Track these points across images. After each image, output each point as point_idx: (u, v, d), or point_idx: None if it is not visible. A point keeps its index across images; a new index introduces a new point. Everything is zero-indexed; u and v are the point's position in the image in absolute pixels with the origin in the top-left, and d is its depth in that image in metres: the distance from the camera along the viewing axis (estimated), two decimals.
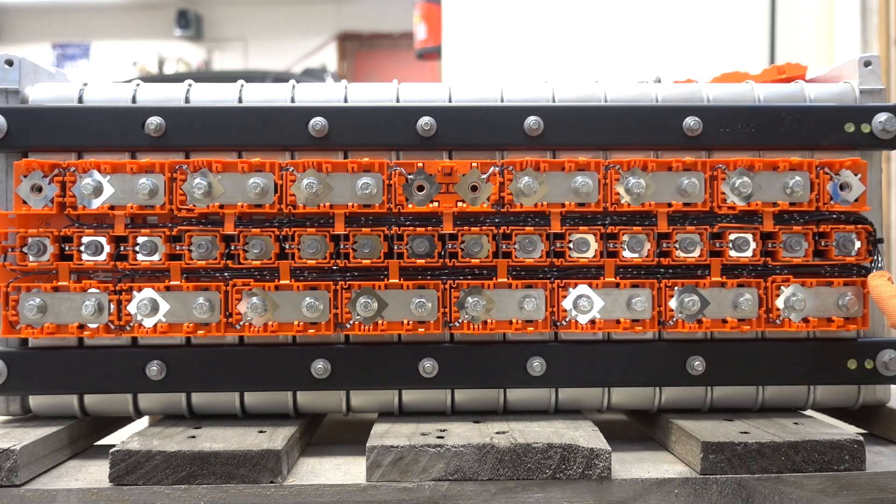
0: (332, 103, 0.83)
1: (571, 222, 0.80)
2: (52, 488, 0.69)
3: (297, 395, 0.82)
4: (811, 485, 0.71)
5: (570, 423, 0.78)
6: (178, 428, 0.78)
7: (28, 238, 0.78)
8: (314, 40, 8.60)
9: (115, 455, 0.69)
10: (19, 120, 0.80)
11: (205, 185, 0.78)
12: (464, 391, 0.83)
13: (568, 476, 0.70)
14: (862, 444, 0.72)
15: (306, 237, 0.79)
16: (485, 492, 0.70)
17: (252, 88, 0.85)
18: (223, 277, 0.80)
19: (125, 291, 0.79)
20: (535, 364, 0.80)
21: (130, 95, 0.84)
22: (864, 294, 0.82)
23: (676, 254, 0.80)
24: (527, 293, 0.80)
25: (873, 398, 0.85)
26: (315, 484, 0.70)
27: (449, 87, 0.85)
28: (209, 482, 0.69)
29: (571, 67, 2.57)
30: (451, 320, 0.80)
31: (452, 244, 0.80)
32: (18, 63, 0.83)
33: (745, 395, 0.84)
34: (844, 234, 0.81)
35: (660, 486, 0.71)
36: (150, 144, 0.80)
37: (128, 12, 8.76)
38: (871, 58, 0.86)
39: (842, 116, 0.82)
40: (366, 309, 0.78)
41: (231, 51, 8.81)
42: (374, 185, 0.78)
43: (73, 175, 0.79)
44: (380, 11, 8.51)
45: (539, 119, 0.80)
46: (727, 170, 0.80)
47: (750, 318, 0.81)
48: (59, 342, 0.81)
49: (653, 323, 0.81)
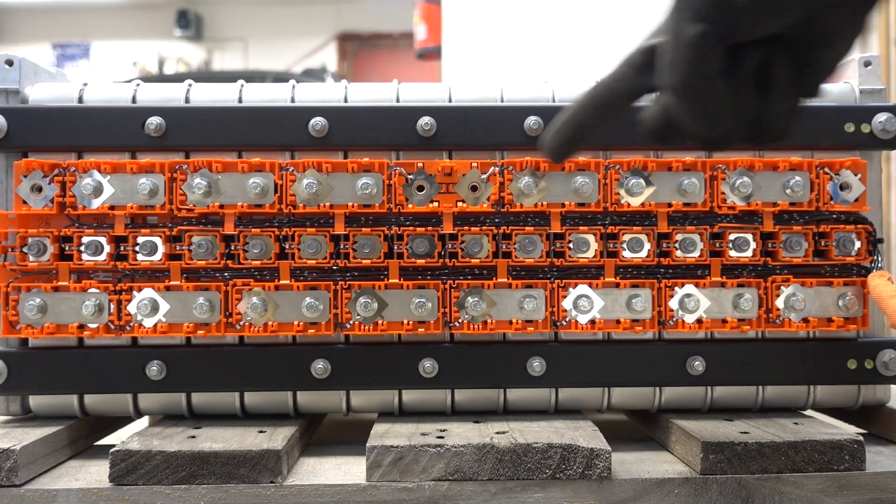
0: (332, 103, 0.83)
1: (571, 222, 0.80)
2: (52, 488, 0.69)
3: (297, 395, 0.82)
4: (811, 485, 0.71)
5: (570, 423, 0.78)
6: (178, 428, 0.78)
7: (28, 238, 0.78)
8: (314, 40, 8.60)
9: (115, 455, 0.69)
10: (19, 120, 0.80)
11: (205, 185, 0.78)
12: (464, 391, 0.83)
13: (568, 476, 0.70)
14: (862, 444, 0.72)
15: (306, 237, 0.79)
16: (485, 492, 0.70)
17: (252, 88, 0.85)
18: (223, 277, 0.80)
19: (125, 291, 0.79)
20: (535, 364, 0.80)
21: (130, 95, 0.84)
22: (864, 294, 0.82)
23: (676, 254, 0.80)
24: (527, 293, 0.80)
25: (873, 398, 0.85)
26: (315, 484, 0.70)
27: (449, 87, 0.85)
28: (209, 482, 0.69)
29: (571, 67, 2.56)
30: (451, 320, 0.80)
31: (452, 244, 0.80)
32: (18, 63, 0.83)
33: (745, 395, 0.84)
34: (844, 234, 0.82)
35: (660, 486, 0.71)
36: (150, 144, 0.80)
37: (128, 12, 8.76)
38: (871, 58, 0.86)
39: (842, 116, 0.82)
40: (366, 309, 0.78)
41: (231, 51, 8.81)
42: (374, 185, 0.79)
43: (73, 175, 0.79)
44: (380, 11, 8.51)
45: (539, 119, 0.80)
46: (727, 170, 0.80)
47: (750, 318, 0.81)
48: (59, 342, 0.81)
49: (653, 323, 0.81)
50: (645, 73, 0.57)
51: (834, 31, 0.54)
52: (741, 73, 0.54)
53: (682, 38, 0.52)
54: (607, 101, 0.59)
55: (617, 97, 0.59)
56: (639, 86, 0.58)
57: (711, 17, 0.51)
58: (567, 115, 0.60)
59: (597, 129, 0.60)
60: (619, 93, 0.58)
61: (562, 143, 0.60)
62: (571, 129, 0.60)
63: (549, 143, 0.61)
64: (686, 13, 0.52)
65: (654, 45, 0.56)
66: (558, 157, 0.62)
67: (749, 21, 0.52)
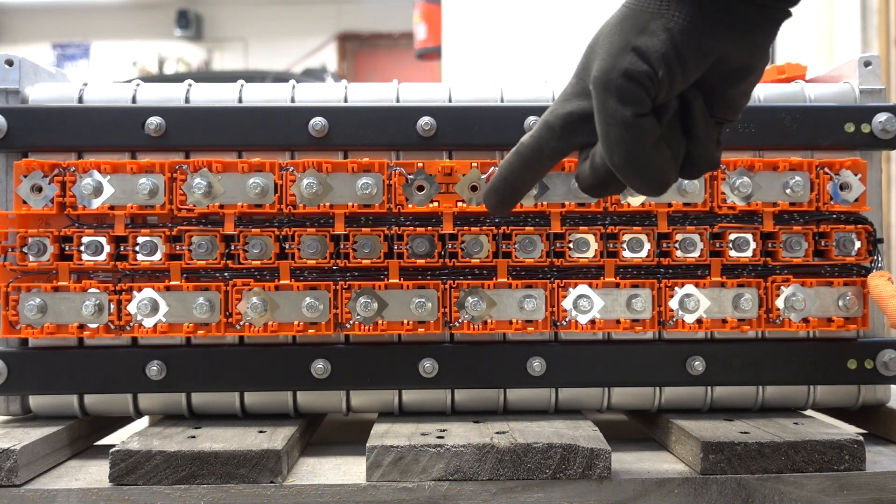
0: (332, 103, 0.83)
1: (571, 222, 0.80)
2: (52, 488, 0.69)
3: (297, 395, 0.82)
4: (811, 485, 0.71)
5: (570, 423, 0.78)
6: (178, 428, 0.78)
7: (28, 238, 0.78)
8: (314, 40, 8.61)
9: (115, 455, 0.69)
10: (19, 120, 0.80)
11: (205, 185, 0.78)
12: (464, 391, 0.83)
13: (568, 476, 0.70)
14: (862, 444, 0.72)
15: (306, 237, 0.79)
16: (485, 492, 0.70)
17: (252, 88, 0.85)
18: (223, 277, 0.80)
19: (125, 291, 0.79)
20: (535, 364, 0.80)
21: (130, 95, 0.84)
22: (864, 294, 0.82)
23: (676, 254, 0.80)
24: (527, 293, 0.80)
25: (873, 398, 0.85)
26: (315, 484, 0.70)
27: (449, 87, 0.85)
28: (209, 482, 0.69)
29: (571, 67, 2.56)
30: (451, 320, 0.80)
31: (452, 244, 0.80)
32: (18, 63, 0.83)
33: (745, 395, 0.84)
34: (844, 234, 0.82)
35: (660, 486, 0.71)
36: (150, 144, 0.80)
37: (128, 12, 8.76)
38: (871, 58, 0.86)
39: (842, 116, 0.82)
40: (366, 309, 0.78)
41: (231, 51, 8.81)
42: (374, 185, 0.79)
43: (73, 175, 0.79)
44: (380, 11, 8.52)
45: (538, 119, 0.80)
46: (727, 169, 0.80)
47: (750, 318, 0.81)
48: (59, 342, 0.81)
49: (653, 323, 0.81)
50: (566, 136, 0.62)
51: (743, 67, 0.58)
52: (663, 123, 0.58)
53: (616, 121, 0.55)
54: (535, 160, 0.63)
55: (544, 157, 0.63)
56: (562, 146, 0.62)
57: (637, 97, 0.55)
58: (501, 175, 0.65)
59: (528, 187, 0.65)
60: (546, 153, 0.63)
61: (500, 201, 0.65)
62: (506, 189, 0.65)
63: (489, 203, 0.66)
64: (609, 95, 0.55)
65: (570, 111, 0.61)
66: (499, 212, 0.69)
67: (668, 89, 0.56)
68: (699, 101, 0.58)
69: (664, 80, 0.55)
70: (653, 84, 0.55)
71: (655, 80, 0.55)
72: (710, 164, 0.61)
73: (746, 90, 0.60)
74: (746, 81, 0.58)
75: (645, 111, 0.55)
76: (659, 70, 0.54)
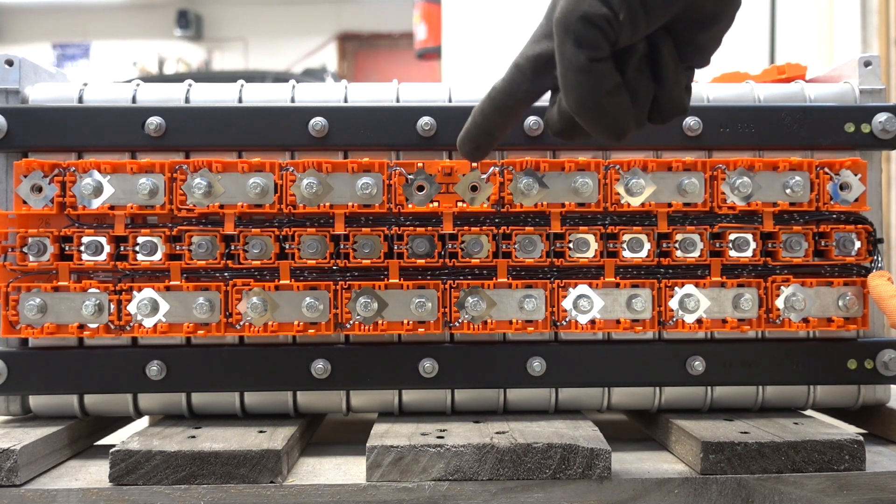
0: (332, 103, 0.83)
1: (571, 222, 0.80)
2: (52, 488, 0.69)
3: (297, 395, 0.82)
4: (811, 485, 0.71)
5: (570, 423, 0.78)
6: (178, 428, 0.78)
7: (28, 238, 0.79)
8: (314, 40, 8.61)
9: (115, 455, 0.70)
10: (19, 120, 0.80)
11: (205, 185, 0.78)
12: (464, 391, 0.83)
13: (568, 476, 0.70)
14: (862, 444, 0.72)
15: (306, 237, 0.79)
16: (485, 492, 0.70)
17: (252, 88, 0.85)
18: (223, 277, 0.80)
19: (125, 291, 0.79)
20: (535, 364, 0.80)
21: (130, 95, 0.84)
22: (864, 294, 0.82)
23: (676, 254, 0.80)
24: (527, 293, 0.80)
25: (873, 398, 0.85)
26: (315, 484, 0.70)
27: (449, 87, 0.85)
28: (209, 482, 0.69)
29: None
30: (451, 320, 0.80)
31: (452, 244, 0.80)
32: (18, 63, 0.83)
33: (745, 395, 0.84)
34: (844, 234, 0.82)
35: (660, 486, 0.71)
36: (150, 144, 0.80)
37: (128, 12, 8.77)
38: (871, 58, 0.86)
39: (842, 116, 0.82)
40: (366, 309, 0.78)
41: (231, 51, 8.82)
42: (374, 185, 0.79)
43: (73, 175, 0.79)
44: (380, 11, 8.52)
45: (539, 119, 0.80)
46: (727, 170, 0.80)
47: (750, 318, 0.81)
48: (59, 342, 0.81)
49: (653, 323, 0.81)
50: (536, 78, 0.61)
51: (713, 12, 0.57)
52: (630, 66, 0.57)
53: (572, 65, 0.55)
54: (507, 104, 0.62)
55: (516, 101, 0.62)
56: (534, 89, 0.62)
57: (594, 41, 0.54)
58: (474, 121, 0.64)
59: (503, 132, 0.64)
60: (518, 97, 0.62)
61: (475, 147, 0.65)
62: (480, 134, 0.64)
63: (463, 150, 0.65)
64: (567, 38, 0.55)
65: (539, 52, 0.60)
66: (474, 159, 0.67)
67: (630, 32, 0.55)
68: (669, 44, 0.58)
69: (625, 24, 0.54)
70: (612, 28, 0.54)
71: (615, 23, 0.54)
72: (677, 109, 0.60)
73: (717, 35, 0.59)
74: (717, 27, 0.58)
75: (602, 56, 0.55)
76: (620, 13, 0.54)
